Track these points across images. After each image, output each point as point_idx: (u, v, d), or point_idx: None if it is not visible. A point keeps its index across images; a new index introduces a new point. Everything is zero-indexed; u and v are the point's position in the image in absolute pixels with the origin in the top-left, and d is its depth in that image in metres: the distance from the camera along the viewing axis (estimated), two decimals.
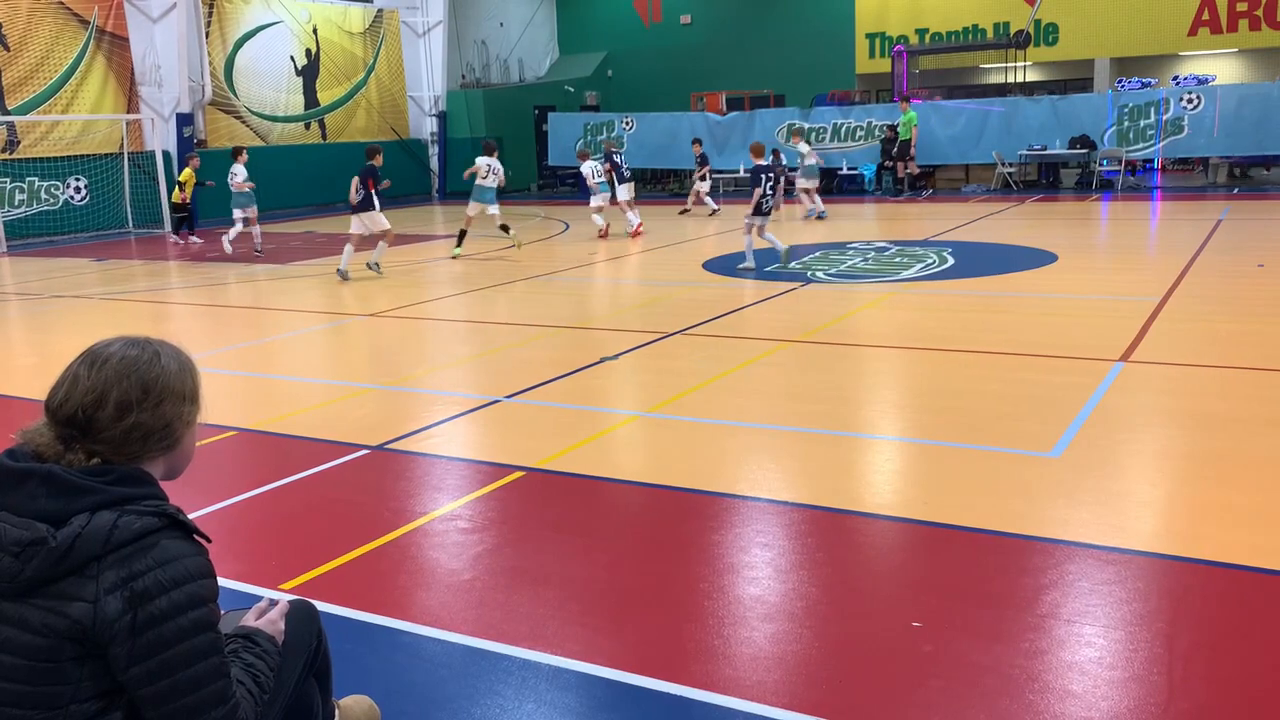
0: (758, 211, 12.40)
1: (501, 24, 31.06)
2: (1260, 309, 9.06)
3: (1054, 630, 3.63)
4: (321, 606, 3.92)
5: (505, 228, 15.00)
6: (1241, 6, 23.77)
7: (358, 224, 13.47)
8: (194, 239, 19.75)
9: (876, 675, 3.40)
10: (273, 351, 9.32)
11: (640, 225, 16.83)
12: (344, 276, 13.13)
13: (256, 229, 16.60)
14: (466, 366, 8.35)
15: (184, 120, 22.64)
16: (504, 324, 9.93)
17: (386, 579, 4.29)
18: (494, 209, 14.97)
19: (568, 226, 19.35)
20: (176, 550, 1.95)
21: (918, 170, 22.60)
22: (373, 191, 13.28)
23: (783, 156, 23.47)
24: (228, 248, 16.40)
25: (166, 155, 22.22)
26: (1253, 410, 6.12)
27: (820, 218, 18.10)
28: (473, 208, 15.12)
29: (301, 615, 2.48)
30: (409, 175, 28.52)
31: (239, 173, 16.40)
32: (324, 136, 26.38)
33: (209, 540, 2.09)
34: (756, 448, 5.90)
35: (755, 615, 3.83)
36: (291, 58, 25.60)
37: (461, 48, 29.64)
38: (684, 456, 5.77)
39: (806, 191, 18.85)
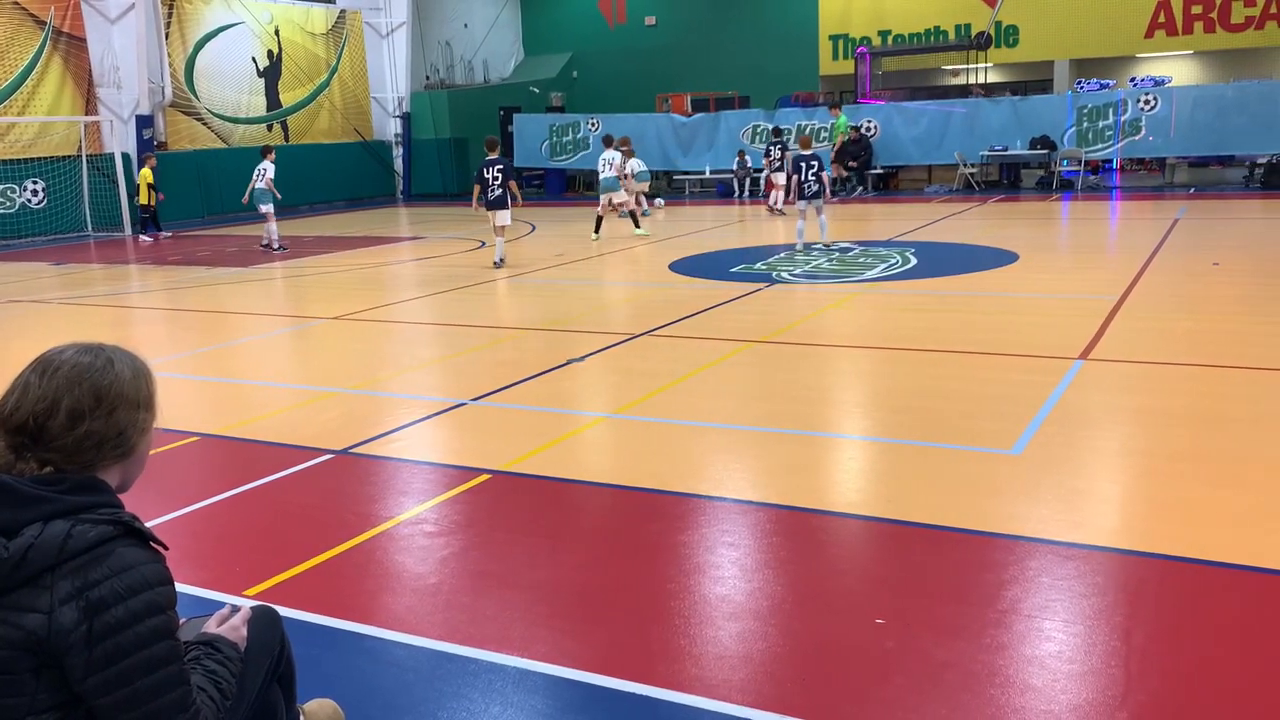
0: (801, 196, 13.91)
1: (466, 25, 30.95)
2: (1216, 307, 9.22)
3: (1015, 625, 3.68)
4: (286, 612, 3.91)
5: (634, 217, 16.74)
6: (1196, 9, 24.16)
7: (505, 216, 13.71)
8: (164, 235, 19.66)
9: (840, 672, 3.43)
10: (236, 356, 9.24)
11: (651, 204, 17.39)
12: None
13: (273, 226, 16.72)
14: (432, 369, 8.32)
15: (144, 122, 22.38)
16: (470, 326, 9.90)
17: (352, 584, 4.27)
18: (620, 197, 16.68)
19: (534, 228, 19.32)
20: (132, 558, 1.93)
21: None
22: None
23: (748, 158, 23.64)
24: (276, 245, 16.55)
25: (126, 157, 21.97)
26: (1209, 407, 6.23)
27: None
28: (602, 198, 16.80)
29: (264, 621, 2.46)
30: (373, 177, 28.38)
31: (268, 170, 16.57)
32: (286, 138, 26.17)
33: (166, 548, 2.07)
34: (723, 448, 5.93)
35: (721, 615, 3.85)
36: (253, 59, 25.38)
37: (425, 49, 29.51)
38: (651, 457, 5.79)
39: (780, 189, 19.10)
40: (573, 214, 21.66)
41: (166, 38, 23.12)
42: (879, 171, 23.68)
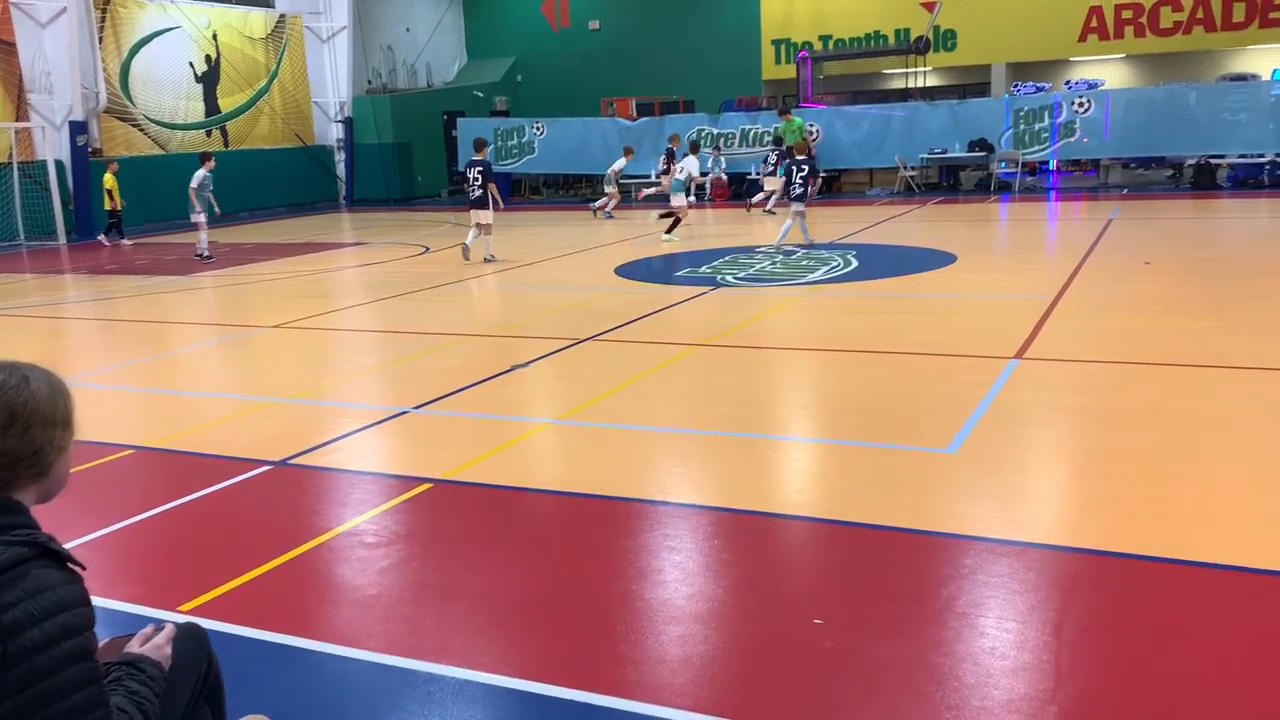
0: (786, 195, 14.73)
1: (408, 29, 30.71)
2: (1147, 306, 9.43)
3: (950, 623, 3.74)
4: (221, 627, 3.86)
5: (670, 216, 17.04)
6: (1127, 14, 24.72)
7: (483, 215, 14.40)
8: (124, 243, 19.35)
9: (779, 674, 3.46)
10: (172, 366, 9.08)
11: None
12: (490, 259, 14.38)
13: (202, 235, 16.50)
14: (373, 377, 8.24)
15: (77, 128, 21.88)
16: (412, 333, 9.82)
17: (289, 597, 4.21)
18: (678, 200, 17.11)
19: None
20: (48, 580, 1.89)
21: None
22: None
23: (683, 161, 23.72)
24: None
25: (59, 164, 21.48)
26: (1141, 404, 6.38)
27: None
28: (676, 198, 17.23)
29: (190, 638, 2.42)
30: (315, 183, 28.05)
31: (196, 177, 16.32)
32: (226, 144, 25.78)
33: (83, 568, 2.03)
34: (667, 452, 5.95)
35: (662, 619, 3.87)
36: (190, 64, 24.96)
37: (367, 53, 29.24)
38: (594, 463, 5.79)
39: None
40: (518, 219, 21.59)
41: (100, 42, 22.64)
42: (822, 175, 23.87)
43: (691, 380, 7.55)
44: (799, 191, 14.55)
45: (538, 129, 26.17)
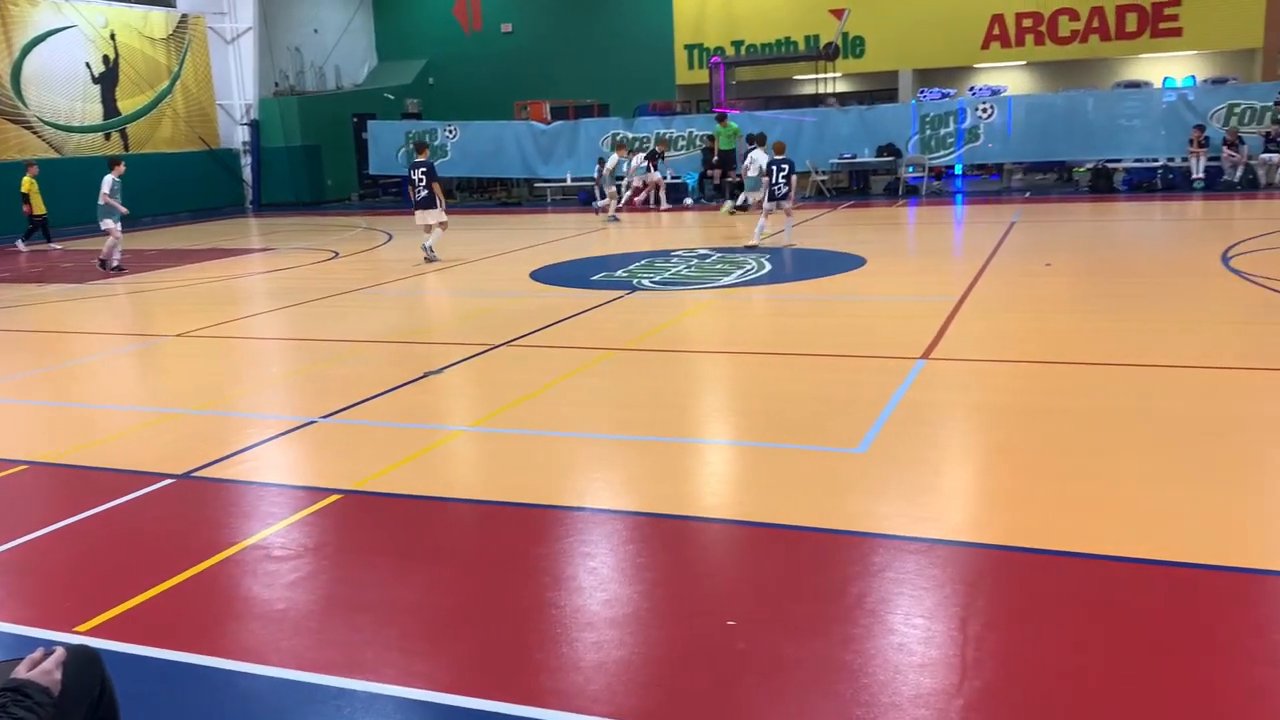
0: (771, 198, 14.76)
1: (316, 30, 30.15)
2: (1047, 306, 9.74)
3: (861, 620, 3.80)
4: (120, 648, 3.74)
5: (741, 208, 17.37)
6: (1027, 23, 25.49)
7: (428, 215, 14.71)
8: (54, 247, 18.68)
9: (693, 677, 3.47)
10: (71, 377, 8.76)
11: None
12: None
13: (111, 242, 15.71)
14: (281, 386, 8.06)
15: None
16: (322, 340, 9.64)
17: (193, 614, 4.10)
18: (754, 195, 17.13)
19: (391, 237, 18.96)
20: None
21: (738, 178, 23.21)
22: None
23: (609, 166, 23.74)
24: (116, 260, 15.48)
25: None
26: (1042, 401, 6.57)
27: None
28: (752, 195, 17.53)
29: (81, 662, 2.34)
30: (221, 187, 27.36)
31: (106, 183, 15.45)
32: (126, 147, 24.98)
33: None
34: (582, 458, 5.94)
35: (577, 625, 3.86)
36: (87, 64, 24.12)
37: (274, 54, 28.63)
38: (509, 470, 5.75)
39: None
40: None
41: None
42: (736, 179, 24.09)
43: (607, 385, 7.56)
44: (784, 190, 14.74)
45: (450, 132, 25.93)
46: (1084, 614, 3.79)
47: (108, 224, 15.19)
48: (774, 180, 14.81)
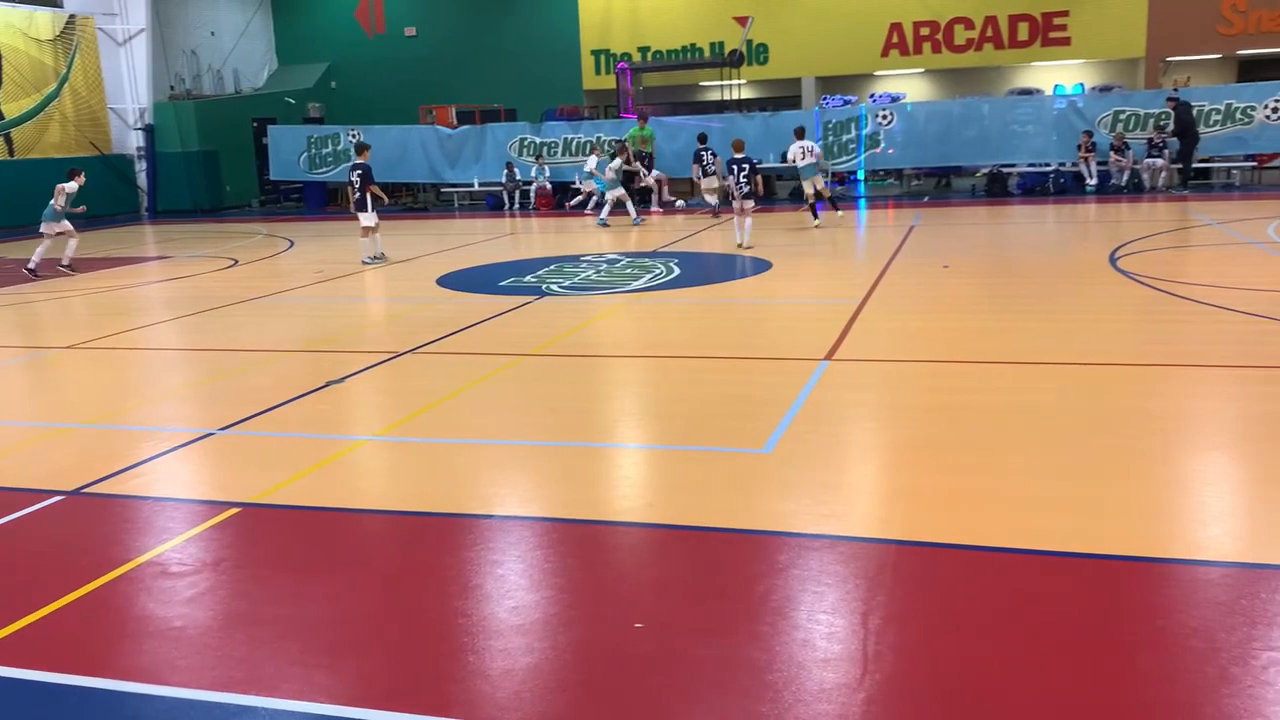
0: (735, 197, 14.84)
1: (213, 33, 29.38)
2: (946, 306, 10.00)
3: (766, 618, 3.85)
4: (4, 672, 3.59)
5: (817, 201, 17.53)
6: (925, 31, 26.18)
7: (367, 218, 14.87)
8: None
9: (601, 680, 3.48)
10: None
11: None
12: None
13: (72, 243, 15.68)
14: (177, 398, 7.83)
15: None
16: (220, 350, 9.39)
17: (84, 634, 3.95)
18: (820, 180, 17.66)
19: (292, 244, 18.57)
20: None
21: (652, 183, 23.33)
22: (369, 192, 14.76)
23: (517, 171, 23.65)
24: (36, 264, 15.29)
25: None
26: (940, 399, 6.75)
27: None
28: (806, 184, 17.77)
29: None
30: (114, 193, 26.41)
31: (70, 190, 15.53)
32: (11, 152, 23.99)
33: None
34: (490, 464, 5.90)
35: (484, 633, 3.83)
36: None
37: (169, 57, 27.80)
38: (415, 479, 5.68)
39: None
40: (334, 229, 20.98)
41: None
42: (647, 184, 24.20)
43: (516, 391, 7.52)
44: (747, 190, 14.83)
45: (353, 136, 25.50)
46: (982, 604, 3.90)
47: (64, 226, 15.44)
48: (736, 180, 14.90)
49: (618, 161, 20.16)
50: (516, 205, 23.70)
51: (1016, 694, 3.29)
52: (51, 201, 15.54)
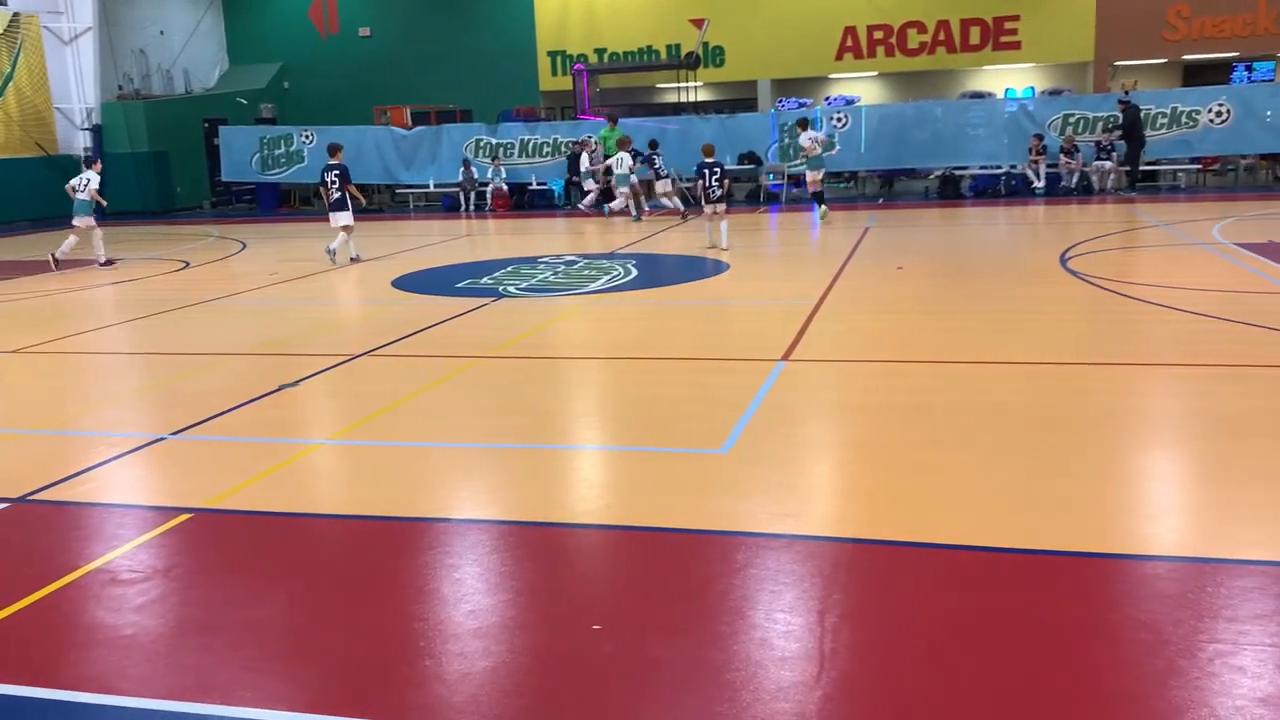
0: (707, 200, 14.74)
1: (162, 32, 28.93)
2: (900, 307, 10.11)
3: (724, 618, 3.86)
4: None
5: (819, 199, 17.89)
6: (878, 35, 26.45)
7: (343, 218, 14.87)
8: None
9: (558, 682, 3.47)
10: None
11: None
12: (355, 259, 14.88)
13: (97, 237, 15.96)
14: (127, 403, 7.70)
15: None
16: (171, 354, 9.24)
17: (30, 644, 3.87)
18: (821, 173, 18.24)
19: (245, 246, 18.33)
20: None
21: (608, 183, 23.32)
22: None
23: (474, 171, 23.53)
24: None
25: None
26: (895, 399, 6.82)
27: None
28: (815, 174, 18.34)
29: None
30: (61, 195, 25.77)
31: (94, 181, 15.87)
32: None
33: None
34: (447, 468, 5.86)
35: (441, 637, 3.81)
36: None
37: (117, 57, 27.33)
38: (370, 483, 5.63)
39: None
40: (288, 230, 20.76)
41: None
42: (604, 186, 24.19)
43: (473, 393, 7.48)
44: (718, 193, 14.76)
45: (307, 137, 25.23)
46: (937, 602, 3.95)
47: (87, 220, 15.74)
48: (706, 184, 14.85)
49: (628, 158, 20.36)
50: (473, 206, 23.58)
51: (970, 689, 3.34)
52: (80, 195, 15.94)
